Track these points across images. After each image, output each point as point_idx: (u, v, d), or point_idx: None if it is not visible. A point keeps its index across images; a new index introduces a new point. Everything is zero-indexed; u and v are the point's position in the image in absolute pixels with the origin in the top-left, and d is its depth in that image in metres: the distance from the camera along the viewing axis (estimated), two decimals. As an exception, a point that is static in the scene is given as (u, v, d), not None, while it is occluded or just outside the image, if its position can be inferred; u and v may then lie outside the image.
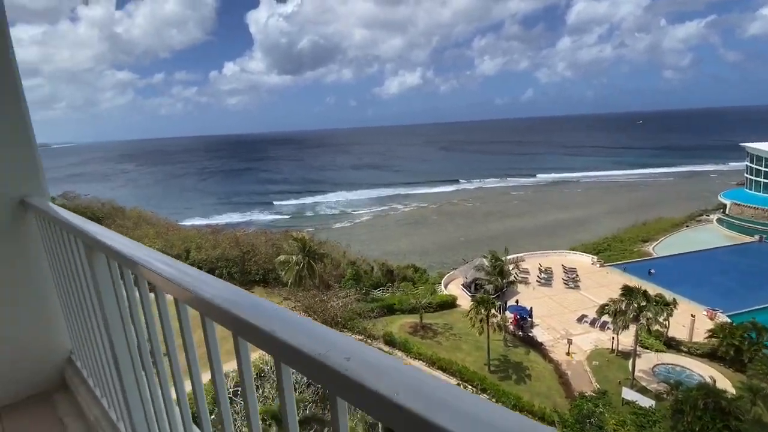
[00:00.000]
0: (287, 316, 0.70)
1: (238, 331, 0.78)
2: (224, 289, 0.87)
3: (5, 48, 2.17)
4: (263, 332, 0.68)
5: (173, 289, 0.97)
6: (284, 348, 0.64)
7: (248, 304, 0.79)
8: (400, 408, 0.49)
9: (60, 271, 2.21)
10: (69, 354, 2.61)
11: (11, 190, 2.26)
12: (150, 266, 1.08)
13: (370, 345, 3.64)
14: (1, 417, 2.33)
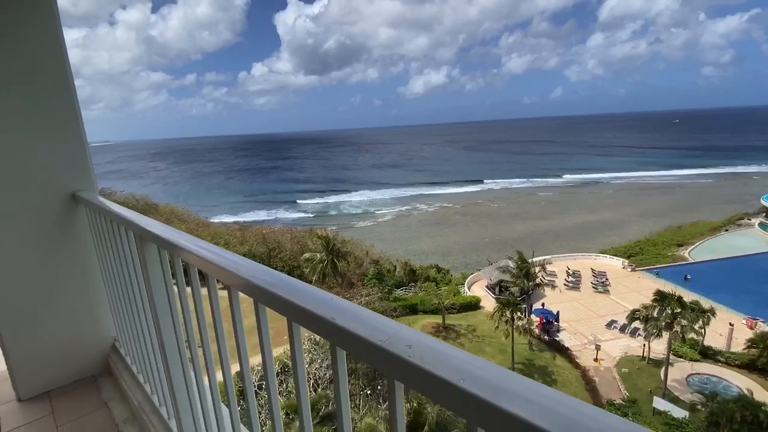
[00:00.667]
0: (345, 305, 0.72)
1: (294, 318, 0.82)
2: (277, 277, 0.91)
3: (61, 53, 2.32)
4: (322, 319, 0.70)
5: (226, 277, 1.02)
6: (344, 335, 0.66)
7: (304, 291, 0.82)
8: (467, 394, 0.50)
9: (107, 262, 2.33)
10: (113, 341, 2.74)
11: (64, 185, 2.40)
12: (202, 255, 1.13)
13: None
14: (51, 398, 2.47)
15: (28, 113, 2.24)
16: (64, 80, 2.33)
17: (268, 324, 0.96)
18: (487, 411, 0.49)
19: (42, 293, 2.43)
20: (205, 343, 1.31)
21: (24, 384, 2.48)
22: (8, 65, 2.16)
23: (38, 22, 2.23)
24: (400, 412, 0.63)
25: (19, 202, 2.28)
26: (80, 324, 2.60)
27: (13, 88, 2.19)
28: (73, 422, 2.23)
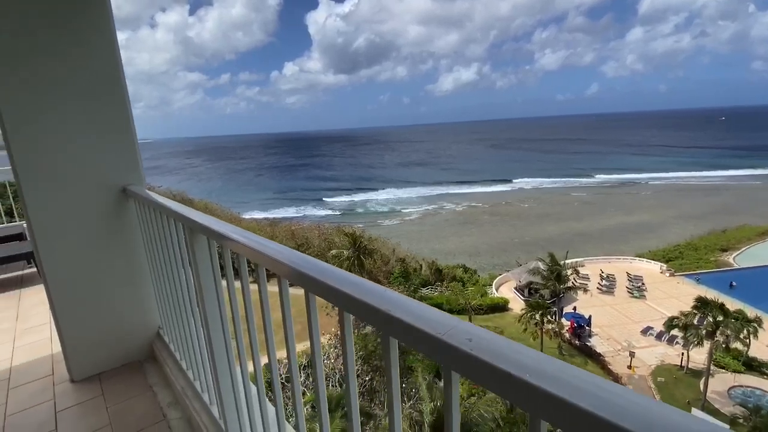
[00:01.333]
0: (399, 297, 0.74)
1: (346, 307, 0.84)
2: (328, 268, 0.94)
3: (115, 56, 2.46)
4: (376, 310, 0.72)
5: (276, 266, 1.06)
6: (399, 326, 0.68)
7: (355, 283, 0.84)
8: (532, 387, 0.50)
9: (154, 253, 2.45)
10: (158, 329, 2.88)
11: (116, 180, 2.55)
12: (252, 246, 1.18)
13: None
14: (101, 380, 2.63)
15: (88, 115, 2.40)
16: (117, 82, 2.48)
17: (317, 316, 0.99)
18: (552, 404, 0.49)
19: (95, 281, 2.58)
20: (252, 332, 1.36)
21: (77, 366, 2.64)
22: (70, 71, 2.32)
23: (95, 27, 2.37)
24: (456, 400, 0.65)
25: (78, 195, 2.43)
26: (128, 311, 2.75)
27: (74, 92, 2.34)
28: (121, 404, 2.37)
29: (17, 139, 2.24)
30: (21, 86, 2.21)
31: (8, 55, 2.16)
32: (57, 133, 2.33)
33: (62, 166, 2.37)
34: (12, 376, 2.75)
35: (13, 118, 2.21)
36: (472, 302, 25.63)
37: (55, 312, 2.52)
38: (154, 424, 2.16)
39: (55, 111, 2.30)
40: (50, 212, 2.38)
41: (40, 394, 2.52)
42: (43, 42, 2.24)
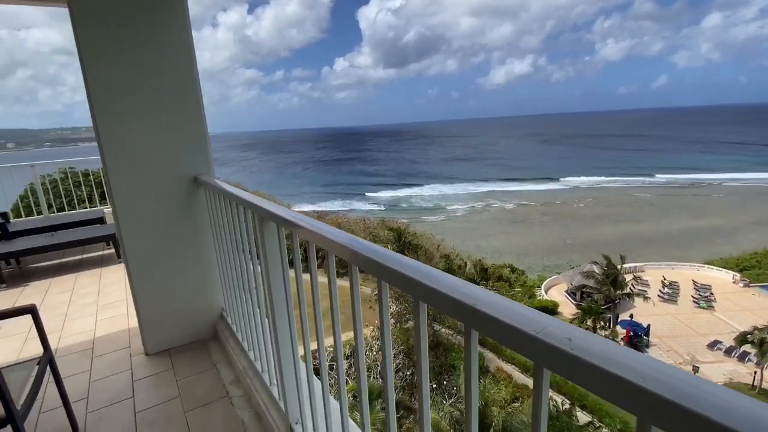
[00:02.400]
0: (482, 292, 0.73)
1: (422, 298, 0.84)
2: (400, 257, 0.94)
3: (191, 54, 2.63)
4: (460, 303, 0.71)
5: (347, 254, 1.08)
6: (485, 321, 0.67)
7: (431, 274, 0.84)
8: (642, 391, 0.48)
9: (220, 238, 2.59)
10: (221, 311, 3.06)
11: (189, 170, 2.73)
12: (323, 233, 1.21)
13: (461, 343, 3.57)
14: (171, 356, 2.84)
15: (166, 110, 2.59)
16: (193, 80, 2.65)
17: (387, 302, 1.00)
18: (665, 409, 0.46)
19: (168, 262, 2.79)
20: (318, 318, 1.41)
21: (151, 340, 2.87)
22: (153, 70, 2.51)
23: (175, 29, 2.55)
24: (545, 397, 0.64)
25: (155, 183, 2.64)
26: (195, 293, 2.94)
27: (156, 89, 2.55)
28: (189, 378, 2.54)
29: (106, 133, 2.46)
30: (111, 85, 2.42)
31: (100, 57, 2.37)
32: (140, 127, 2.54)
33: (143, 156, 2.57)
34: (95, 346, 3.04)
35: (103, 115, 2.44)
36: (519, 303, 24.81)
37: (133, 290, 2.75)
38: (218, 400, 2.30)
39: (139, 107, 2.51)
40: (132, 198, 2.60)
41: (119, 363, 2.77)
42: (129, 43, 2.43)
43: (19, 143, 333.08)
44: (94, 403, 2.33)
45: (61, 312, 3.69)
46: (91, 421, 2.19)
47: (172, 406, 2.27)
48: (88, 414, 2.24)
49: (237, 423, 2.12)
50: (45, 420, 2.20)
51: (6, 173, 6.81)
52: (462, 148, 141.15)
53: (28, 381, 1.71)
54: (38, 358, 1.88)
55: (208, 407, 2.24)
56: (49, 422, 2.17)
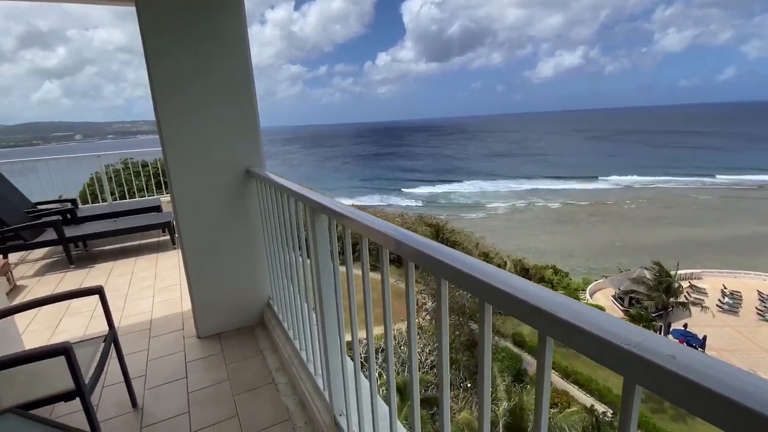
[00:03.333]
0: (552, 295, 0.68)
1: (487, 298, 0.81)
2: (458, 253, 0.91)
3: (246, 50, 2.70)
4: (530, 306, 0.67)
5: (401, 249, 1.06)
6: (564, 328, 0.62)
7: (494, 274, 0.80)
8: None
9: (270, 228, 2.66)
10: (268, 299, 3.15)
11: (242, 162, 2.82)
12: (376, 227, 1.19)
13: (497, 342, 3.42)
14: (221, 340, 2.95)
15: (223, 105, 2.69)
16: (248, 76, 2.74)
17: (447, 298, 0.97)
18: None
19: (220, 250, 2.90)
20: (368, 314, 1.39)
21: (202, 324, 3.01)
22: (212, 67, 2.61)
23: (233, 26, 2.64)
24: (635, 417, 0.58)
25: (211, 174, 2.74)
26: (244, 281, 3.04)
27: (214, 85, 2.65)
28: (237, 362, 2.63)
29: (167, 126, 2.59)
30: (173, 80, 2.54)
31: (164, 54, 2.49)
32: (198, 121, 2.65)
33: (201, 149, 2.69)
34: (152, 327, 3.23)
35: (165, 109, 2.56)
36: (561, 306, 23.88)
37: (188, 275, 2.88)
38: (265, 386, 2.36)
39: (198, 101, 2.63)
40: (189, 188, 2.72)
41: (173, 344, 2.92)
42: (190, 40, 2.53)
43: (86, 135, 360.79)
44: (151, 381, 2.47)
45: (122, 293, 3.95)
46: (148, 397, 2.32)
47: (221, 388, 2.36)
48: (146, 391, 2.38)
49: (282, 409, 2.16)
50: (108, 393, 2.35)
51: (75, 163, 7.38)
52: (504, 144, 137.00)
53: (95, 357, 1.84)
54: (104, 336, 2.01)
55: (254, 392, 2.31)
56: (112, 396, 2.32)
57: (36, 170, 7.13)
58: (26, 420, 1.37)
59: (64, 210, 5.62)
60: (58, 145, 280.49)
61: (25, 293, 4.12)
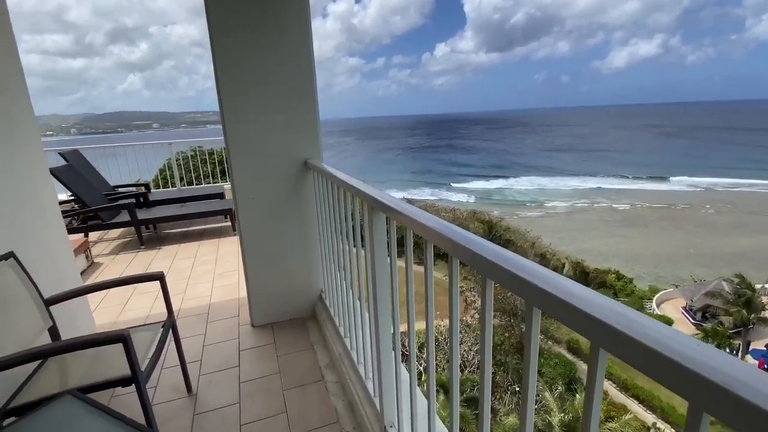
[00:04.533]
0: (608, 302, 0.61)
1: (536, 302, 0.75)
2: (512, 257, 0.84)
3: (309, 44, 2.65)
4: (582, 314, 0.61)
5: (461, 254, 0.97)
6: (628, 345, 0.54)
7: (542, 275, 0.74)
8: None
9: (325, 221, 2.60)
10: (320, 292, 3.11)
11: (300, 154, 2.78)
12: (438, 229, 1.08)
13: (551, 348, 3.06)
14: (273, 330, 2.96)
15: (284, 97, 2.66)
16: (309, 68, 2.70)
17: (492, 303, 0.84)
18: None
19: (276, 240, 2.89)
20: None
21: (257, 313, 3.04)
22: (276, 59, 2.58)
23: (297, 19, 2.60)
24: None
25: (270, 165, 2.74)
26: (298, 272, 3.02)
27: (276, 77, 2.62)
28: (288, 355, 2.62)
29: (230, 117, 2.60)
30: (238, 73, 2.55)
31: (230, 47, 2.49)
32: (260, 113, 2.65)
33: (261, 140, 2.69)
34: (210, 312, 3.32)
35: (228, 101, 2.58)
36: (623, 315, 22.25)
37: (245, 263, 2.91)
38: (314, 383, 2.31)
39: (261, 94, 2.62)
40: (248, 178, 2.73)
41: (228, 331, 2.98)
42: (256, 33, 2.53)
43: (162, 124, 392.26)
44: (206, 367, 2.52)
45: (184, 276, 4.13)
46: (202, 383, 2.36)
47: (271, 381, 2.34)
48: (201, 376, 2.42)
49: (330, 410, 2.10)
50: (166, 375, 2.43)
51: (149, 150, 7.92)
52: (565, 139, 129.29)
53: (153, 343, 1.86)
54: (163, 322, 2.05)
55: (304, 389, 2.26)
56: (170, 379, 2.39)
57: (115, 155, 7.75)
58: (83, 404, 1.39)
59: (138, 194, 6.03)
60: (138, 132, 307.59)
61: (101, 270, 4.45)
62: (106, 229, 5.45)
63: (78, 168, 5.67)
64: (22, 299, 1.78)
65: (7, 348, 1.59)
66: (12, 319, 1.69)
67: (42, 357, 1.47)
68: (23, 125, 2.32)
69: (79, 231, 5.16)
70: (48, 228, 2.38)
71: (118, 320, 3.22)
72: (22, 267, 1.83)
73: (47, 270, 2.26)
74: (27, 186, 2.25)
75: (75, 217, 5.26)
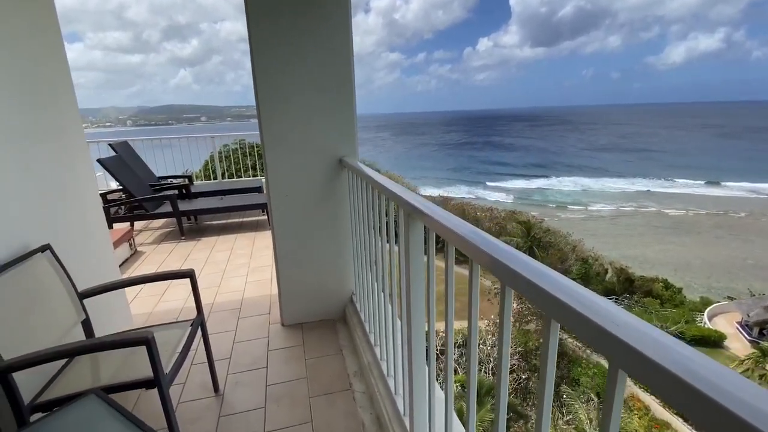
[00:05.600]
0: (632, 319, 0.56)
1: (554, 315, 0.70)
2: (521, 256, 0.84)
3: (349, 41, 2.56)
4: (603, 332, 0.55)
5: (499, 271, 0.86)
6: (638, 361, 0.50)
7: (563, 285, 0.68)
8: None
9: (358, 221, 2.49)
10: (351, 294, 3.02)
11: (336, 151, 2.69)
12: (480, 245, 0.93)
13: (588, 358, 2.74)
14: (303, 330, 2.90)
15: (322, 93, 2.57)
16: (347, 66, 2.61)
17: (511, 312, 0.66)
18: None
19: (309, 238, 2.83)
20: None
21: (287, 312, 2.98)
22: (314, 54, 2.49)
23: (337, 13, 2.50)
24: None
25: (304, 161, 2.67)
26: (329, 272, 2.94)
27: (314, 72, 2.53)
28: (316, 359, 2.54)
29: (266, 112, 2.55)
30: (275, 69, 2.49)
31: (267, 42, 2.43)
32: (296, 110, 2.57)
33: (296, 137, 2.62)
34: (242, 307, 3.32)
35: (265, 96, 2.52)
36: (671, 327, 20.92)
37: (277, 261, 2.87)
38: (341, 392, 2.22)
39: (297, 90, 2.55)
40: (283, 175, 2.67)
41: (258, 329, 2.95)
42: (294, 29, 2.46)
43: (209, 117, 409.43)
44: (234, 366, 2.49)
45: (220, 269, 4.18)
46: (230, 383, 2.33)
47: (298, 386, 2.27)
48: (229, 375, 2.39)
49: (357, 423, 2.00)
50: (194, 373, 2.42)
51: (194, 142, 8.16)
52: (611, 138, 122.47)
53: (181, 341, 1.83)
54: (192, 320, 2.02)
55: (331, 397, 2.17)
56: (197, 376, 2.38)
57: (163, 147, 8.06)
58: (106, 405, 1.36)
59: (181, 185, 6.20)
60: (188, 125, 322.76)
61: (142, 259, 4.59)
62: (150, 219, 5.64)
63: (126, 159, 5.90)
64: (57, 292, 1.79)
65: (40, 340, 1.60)
66: (46, 311, 1.69)
67: (66, 356, 1.45)
68: (68, 118, 2.36)
69: (125, 220, 5.36)
70: (88, 220, 2.42)
71: (154, 311, 3.28)
72: (58, 259, 1.84)
73: (85, 262, 2.29)
74: (69, 178, 2.29)
75: (121, 207, 5.48)
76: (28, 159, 1.89)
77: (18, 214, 1.76)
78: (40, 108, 2.09)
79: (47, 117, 2.14)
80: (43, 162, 2.03)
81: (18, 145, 1.84)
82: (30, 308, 1.62)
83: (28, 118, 1.97)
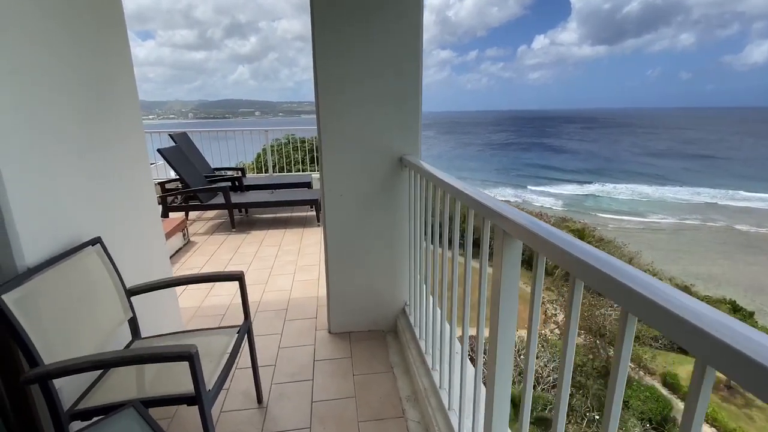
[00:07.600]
0: (723, 318, 0.53)
1: (633, 309, 0.63)
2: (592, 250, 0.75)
3: (418, 38, 2.35)
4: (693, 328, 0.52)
5: None
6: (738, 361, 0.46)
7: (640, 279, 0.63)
8: None
9: (419, 227, 2.25)
10: (404, 305, 2.79)
11: (397, 149, 2.48)
12: None
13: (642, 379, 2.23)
14: (351, 340, 2.71)
15: (386, 88, 2.38)
16: (416, 62, 2.39)
17: None
18: None
19: (362, 241, 2.63)
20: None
21: (335, 318, 2.80)
22: (380, 49, 2.32)
23: (406, 10, 2.29)
24: None
25: (362, 159, 2.47)
26: (382, 279, 2.72)
27: (379, 67, 2.34)
28: (365, 375, 2.33)
29: (325, 106, 2.37)
30: (338, 65, 2.31)
31: (331, 38, 2.27)
32: (357, 103, 2.39)
33: (356, 135, 2.43)
34: (288, 308, 3.18)
35: (324, 88, 2.35)
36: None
37: (327, 263, 2.69)
38: (393, 418, 1.99)
39: (359, 83, 2.35)
40: (339, 174, 2.48)
41: (304, 335, 2.79)
42: (360, 26, 2.29)
43: (263, 112, 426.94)
44: (279, 375, 2.34)
45: (268, 265, 4.10)
46: (274, 393, 2.17)
47: (346, 407, 2.07)
48: (273, 385, 2.24)
49: (412, 458, 1.76)
50: (237, 379, 2.28)
51: (248, 135, 8.29)
52: (682, 144, 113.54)
53: (227, 350, 1.68)
54: (239, 327, 1.87)
55: (381, 424, 1.95)
56: (240, 383, 2.24)
57: (219, 139, 8.27)
58: (142, 422, 1.22)
59: (234, 177, 6.26)
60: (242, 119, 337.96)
61: (194, 250, 4.62)
62: (204, 209, 5.72)
63: (184, 149, 6.02)
64: (105, 288, 1.69)
65: (85, 339, 1.50)
66: (92, 308, 1.60)
67: (105, 367, 1.33)
68: (127, 109, 2.30)
69: (180, 210, 5.47)
70: (141, 214, 2.36)
71: (202, 305, 3.22)
72: (108, 254, 1.75)
73: (136, 256, 2.22)
74: (126, 170, 2.22)
75: (177, 197, 5.59)
76: (80, 147, 1.81)
77: (68, 205, 1.67)
78: (98, 95, 2.03)
79: (104, 104, 2.07)
80: (97, 150, 1.96)
81: (71, 133, 1.76)
82: (76, 305, 1.53)
83: (85, 104, 1.90)
